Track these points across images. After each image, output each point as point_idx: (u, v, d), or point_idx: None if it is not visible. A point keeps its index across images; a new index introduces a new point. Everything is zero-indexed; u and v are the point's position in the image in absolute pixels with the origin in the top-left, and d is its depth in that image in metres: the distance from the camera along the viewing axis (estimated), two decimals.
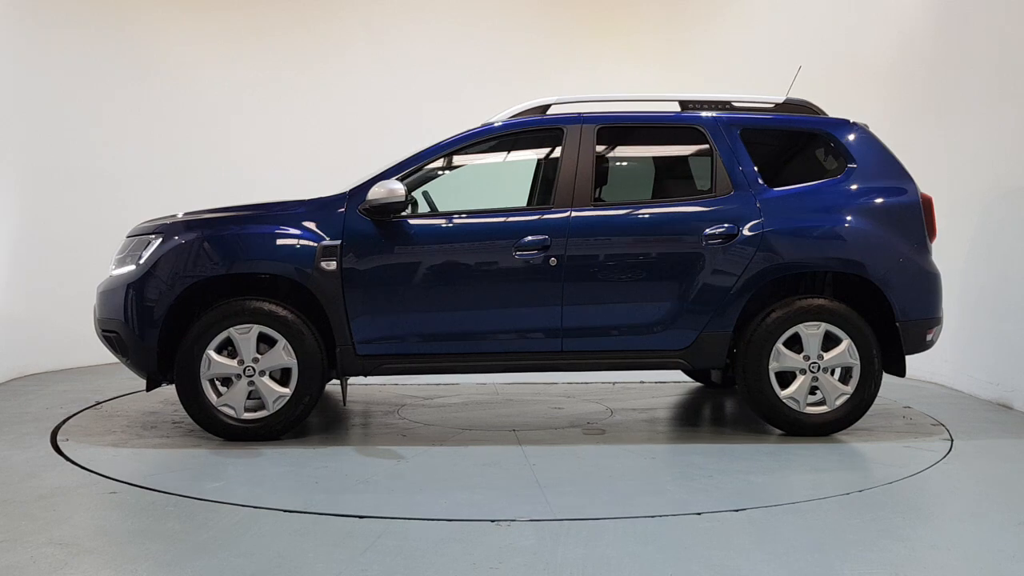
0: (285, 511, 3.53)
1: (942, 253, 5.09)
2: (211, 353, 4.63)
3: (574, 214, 4.78)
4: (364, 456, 4.56)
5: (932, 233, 4.97)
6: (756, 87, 5.72)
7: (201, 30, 8.60)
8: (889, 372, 4.98)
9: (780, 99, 5.24)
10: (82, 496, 3.76)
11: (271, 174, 8.33)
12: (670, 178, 5.55)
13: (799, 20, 8.32)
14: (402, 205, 4.66)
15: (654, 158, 5.64)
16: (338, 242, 4.66)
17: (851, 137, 5.05)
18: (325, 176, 5.79)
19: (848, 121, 5.13)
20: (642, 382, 4.89)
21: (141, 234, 4.88)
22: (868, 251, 4.84)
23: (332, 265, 4.63)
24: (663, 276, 4.81)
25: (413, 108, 8.67)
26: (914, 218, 4.93)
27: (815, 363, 4.80)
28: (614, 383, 6.72)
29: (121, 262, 4.88)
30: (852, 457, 4.54)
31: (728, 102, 5.20)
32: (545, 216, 4.81)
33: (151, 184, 8.09)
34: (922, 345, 4.97)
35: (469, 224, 4.83)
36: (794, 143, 5.25)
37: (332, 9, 9.00)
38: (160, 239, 4.74)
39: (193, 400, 4.66)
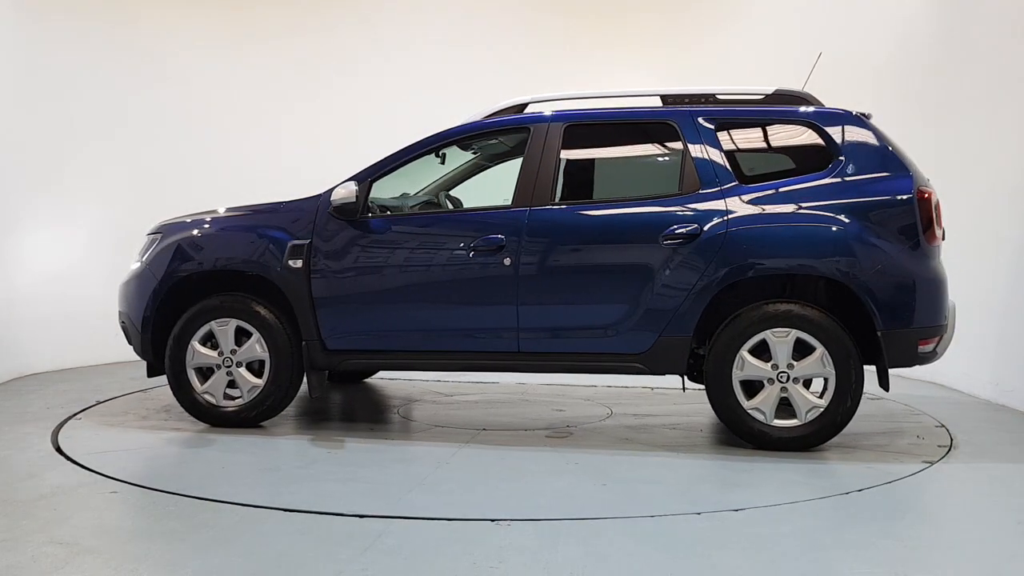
0: (285, 511, 3.53)
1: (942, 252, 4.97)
2: (195, 344, 5.02)
3: (531, 214, 4.72)
4: (296, 446, 4.73)
5: (931, 234, 4.50)
6: (759, 84, 5.63)
7: (205, 31, 8.58)
8: (882, 385, 4.69)
9: (770, 89, 4.88)
10: (82, 496, 3.76)
11: (286, 174, 8.25)
12: (638, 176, 5.28)
13: (800, 18, 8.32)
14: (356, 206, 4.82)
15: (623, 156, 5.36)
16: (306, 241, 4.90)
17: (840, 129, 4.63)
18: (331, 176, 5.79)
19: (839, 111, 4.71)
20: (685, 388, 4.68)
21: (151, 233, 5.31)
22: (841, 252, 4.44)
23: (298, 263, 4.86)
24: (620, 277, 4.63)
25: (417, 108, 8.65)
26: (906, 217, 4.46)
27: (784, 373, 4.47)
28: (654, 388, 6.54)
29: (137, 258, 5.30)
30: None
31: (713, 95, 4.91)
32: (502, 216, 4.78)
33: (151, 185, 8.08)
34: (916, 358, 4.50)
35: (428, 224, 4.98)
36: (778, 137, 4.91)
37: (335, 9, 8.99)
38: (160, 237, 5.19)
39: (179, 387, 5.06)
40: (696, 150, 4.69)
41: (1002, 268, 6.01)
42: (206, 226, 5.17)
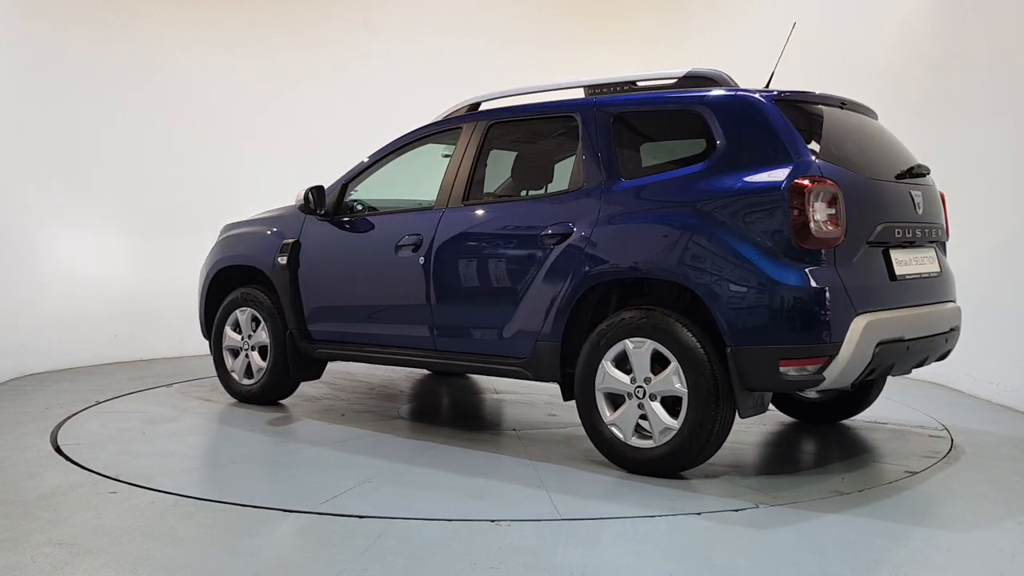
0: (285, 511, 3.53)
1: None
2: (227, 329, 5.80)
3: (444, 213, 4.76)
4: (282, 442, 4.92)
5: (806, 234, 3.71)
6: (756, 82, 5.58)
7: (208, 30, 8.57)
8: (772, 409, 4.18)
9: (682, 72, 4.45)
10: (82, 496, 3.76)
11: (289, 175, 8.26)
12: (544, 173, 5.04)
13: (799, 17, 8.30)
14: (308, 207, 5.23)
15: (532, 153, 5.16)
16: (294, 240, 5.40)
17: (726, 114, 4.05)
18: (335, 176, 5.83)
19: (731, 94, 4.14)
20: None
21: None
22: (689, 254, 3.90)
23: (284, 260, 5.38)
24: (505, 278, 4.51)
25: (418, 107, 8.62)
26: (774, 213, 3.75)
27: (641, 387, 4.02)
28: None
29: None
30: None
31: (633, 82, 4.58)
32: (423, 215, 4.90)
33: (151, 186, 8.08)
34: (779, 381, 3.77)
35: (370, 223, 5.20)
36: (669, 125, 4.46)
37: (340, 10, 8.99)
38: (219, 236, 6.02)
39: (220, 366, 5.86)
40: (588, 144, 4.37)
41: (1002, 268, 6.01)
42: (241, 225, 5.87)
